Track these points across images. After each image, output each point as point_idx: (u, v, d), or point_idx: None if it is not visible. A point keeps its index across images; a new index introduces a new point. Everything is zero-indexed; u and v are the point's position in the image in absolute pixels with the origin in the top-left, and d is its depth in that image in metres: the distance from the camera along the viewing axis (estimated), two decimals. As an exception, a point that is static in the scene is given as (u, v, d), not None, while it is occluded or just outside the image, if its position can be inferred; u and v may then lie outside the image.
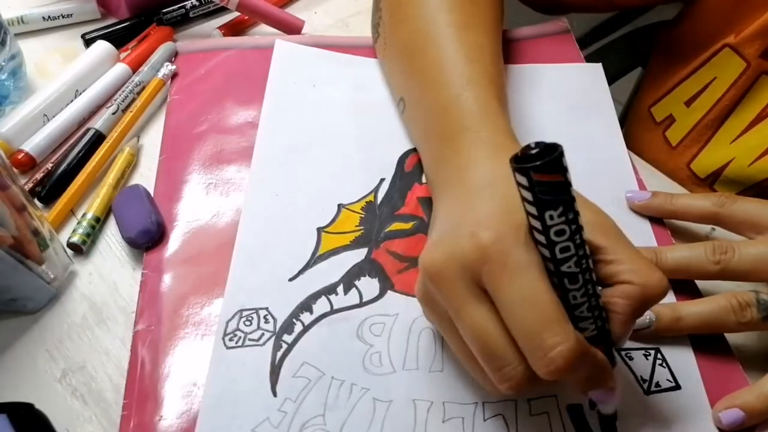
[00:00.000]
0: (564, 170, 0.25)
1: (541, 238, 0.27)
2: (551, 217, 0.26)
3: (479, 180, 0.34)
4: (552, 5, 0.55)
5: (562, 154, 0.25)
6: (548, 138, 0.46)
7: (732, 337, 0.38)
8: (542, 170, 0.25)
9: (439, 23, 0.42)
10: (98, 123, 0.47)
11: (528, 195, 0.26)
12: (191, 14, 0.57)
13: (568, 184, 0.26)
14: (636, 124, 0.62)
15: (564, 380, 0.29)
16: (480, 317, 0.28)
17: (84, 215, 0.42)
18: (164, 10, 0.55)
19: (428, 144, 0.40)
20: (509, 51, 0.53)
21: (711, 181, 0.53)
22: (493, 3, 0.45)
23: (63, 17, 0.56)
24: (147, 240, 0.40)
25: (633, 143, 0.59)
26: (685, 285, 0.39)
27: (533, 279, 0.27)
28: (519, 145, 0.36)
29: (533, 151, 0.25)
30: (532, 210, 0.26)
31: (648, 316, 0.37)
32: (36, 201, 0.43)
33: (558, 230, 0.26)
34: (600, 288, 0.30)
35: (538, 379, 0.28)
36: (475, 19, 0.43)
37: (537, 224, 0.26)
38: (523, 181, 0.25)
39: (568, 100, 0.50)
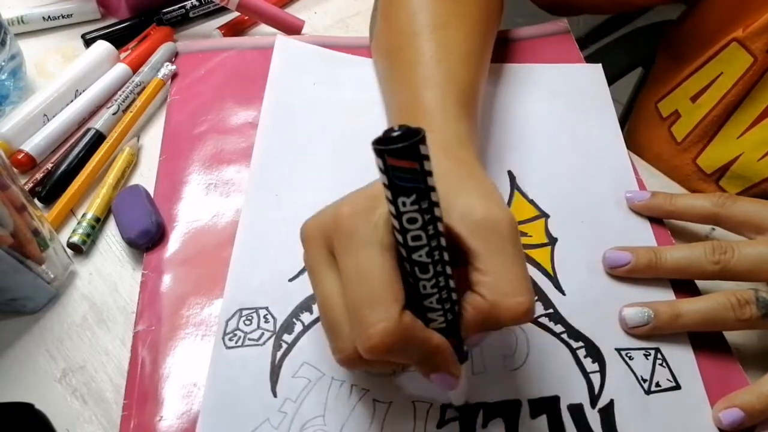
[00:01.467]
0: (421, 158, 0.25)
1: (396, 224, 0.27)
2: (404, 204, 0.25)
3: None
4: (561, 7, 0.55)
5: (420, 141, 0.25)
6: (548, 138, 0.47)
7: (732, 337, 0.38)
8: (396, 155, 0.24)
9: (417, 23, 0.42)
10: (98, 123, 0.47)
11: (384, 179, 0.25)
12: (191, 14, 0.57)
13: (425, 173, 0.25)
14: (641, 121, 0.62)
15: (394, 359, 0.28)
16: (327, 284, 0.29)
17: (84, 215, 0.42)
18: (164, 10, 0.56)
19: None
20: (509, 51, 0.53)
21: (718, 177, 0.53)
22: (482, 1, 0.45)
23: (63, 17, 0.56)
24: (147, 241, 0.40)
25: (638, 140, 0.59)
26: (684, 284, 0.40)
27: (372, 256, 0.27)
28: (469, 149, 0.36)
29: (394, 134, 0.25)
30: (388, 194, 0.26)
31: (646, 313, 0.37)
32: (36, 201, 0.43)
33: (410, 218, 0.26)
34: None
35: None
36: (456, 18, 0.42)
37: (392, 209, 0.26)
38: (380, 164, 0.25)
39: (568, 100, 0.50)
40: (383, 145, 0.25)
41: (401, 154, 0.25)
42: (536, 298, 0.38)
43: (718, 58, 0.50)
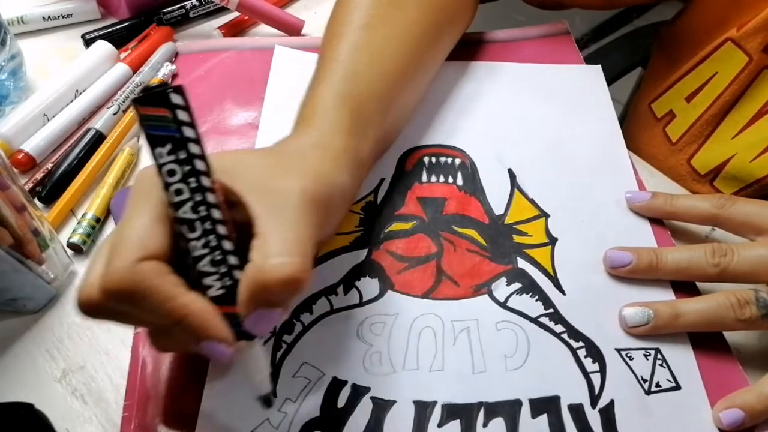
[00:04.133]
0: (173, 106, 0.25)
1: (160, 180, 0.26)
2: (161, 155, 0.25)
3: None
4: (552, 2, 0.55)
5: (175, 91, 0.24)
6: (548, 138, 0.47)
7: (732, 337, 0.38)
8: (146, 102, 0.24)
9: (343, 22, 0.42)
10: (98, 123, 0.47)
11: (142, 133, 0.25)
12: (191, 14, 0.57)
13: (181, 123, 0.25)
14: (636, 121, 0.62)
15: (129, 308, 0.27)
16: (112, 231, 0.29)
17: (84, 215, 0.42)
18: (164, 10, 0.56)
19: None
20: (509, 51, 0.53)
21: (712, 178, 0.53)
22: (426, 7, 0.44)
23: (63, 17, 0.56)
24: (147, 240, 0.40)
25: (633, 140, 0.59)
26: (684, 284, 0.40)
27: (140, 205, 0.27)
28: (338, 139, 0.35)
29: (153, 88, 0.25)
30: (149, 149, 0.25)
31: (646, 313, 0.37)
32: (36, 201, 0.43)
33: (169, 170, 0.26)
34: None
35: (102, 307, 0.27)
36: (383, 20, 0.42)
37: (154, 163, 0.26)
38: (137, 118, 0.25)
39: (567, 101, 0.50)
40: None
41: (151, 101, 0.24)
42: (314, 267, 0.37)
43: (713, 57, 0.50)
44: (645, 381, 0.36)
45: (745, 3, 0.47)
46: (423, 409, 0.34)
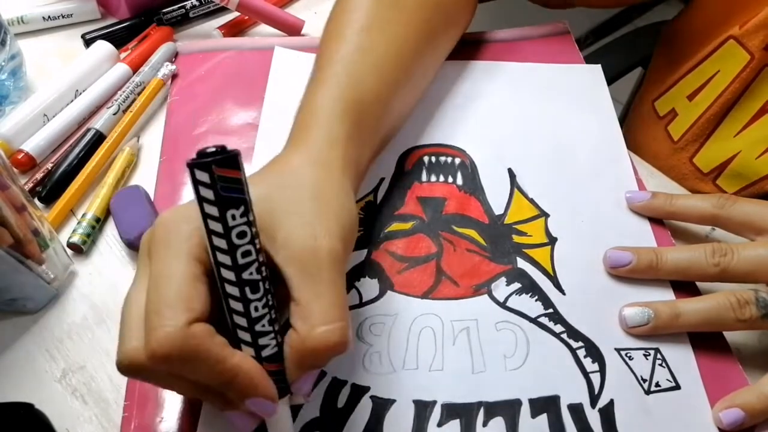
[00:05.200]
0: (243, 168, 0.25)
1: (222, 243, 0.25)
2: (233, 217, 0.25)
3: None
4: (558, 1, 0.55)
5: (239, 153, 0.25)
6: (548, 137, 0.47)
7: (732, 337, 0.38)
8: (224, 164, 0.24)
9: (343, 23, 0.41)
10: (98, 123, 0.47)
11: (208, 193, 0.24)
12: (191, 14, 0.57)
13: (247, 185, 0.25)
14: (638, 120, 0.62)
15: (179, 372, 0.26)
16: (132, 287, 0.28)
17: (84, 215, 0.42)
18: (164, 10, 0.56)
19: None
20: (509, 50, 0.53)
21: (715, 176, 0.53)
22: (426, 9, 0.44)
23: (63, 17, 0.56)
24: (147, 240, 0.40)
25: (635, 139, 0.59)
26: (684, 284, 0.40)
27: (175, 263, 0.26)
28: (339, 151, 0.34)
29: (209, 150, 0.24)
30: (213, 211, 0.25)
31: (646, 313, 0.37)
32: (36, 201, 0.43)
33: (240, 232, 0.25)
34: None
35: (146, 367, 0.26)
36: (386, 22, 0.41)
37: (218, 227, 0.25)
38: (204, 177, 0.24)
39: (568, 100, 0.50)
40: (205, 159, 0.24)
41: (228, 163, 0.24)
42: (353, 330, 0.37)
43: (715, 56, 0.50)
44: (645, 381, 0.36)
45: (746, 1, 0.47)
46: (423, 408, 0.34)
